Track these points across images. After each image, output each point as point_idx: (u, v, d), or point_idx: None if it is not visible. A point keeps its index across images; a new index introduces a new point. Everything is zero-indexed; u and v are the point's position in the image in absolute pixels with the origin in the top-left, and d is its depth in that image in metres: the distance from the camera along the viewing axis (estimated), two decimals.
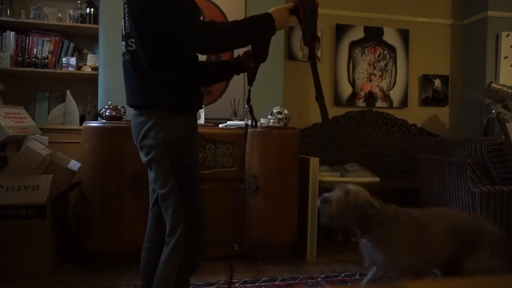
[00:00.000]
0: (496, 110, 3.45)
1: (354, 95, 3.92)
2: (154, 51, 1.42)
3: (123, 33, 1.50)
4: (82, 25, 3.17)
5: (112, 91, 2.96)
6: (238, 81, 3.20)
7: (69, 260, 2.62)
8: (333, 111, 3.83)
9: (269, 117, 2.85)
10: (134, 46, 1.45)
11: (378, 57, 3.96)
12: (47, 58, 3.15)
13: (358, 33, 3.91)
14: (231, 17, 3.20)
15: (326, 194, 1.69)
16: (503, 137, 3.23)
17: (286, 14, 1.53)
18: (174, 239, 1.46)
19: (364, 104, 3.93)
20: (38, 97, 3.28)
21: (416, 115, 4.05)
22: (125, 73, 1.53)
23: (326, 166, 3.52)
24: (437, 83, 4.10)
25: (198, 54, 1.56)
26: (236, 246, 1.95)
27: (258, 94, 3.22)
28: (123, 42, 1.51)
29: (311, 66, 1.57)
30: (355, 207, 1.63)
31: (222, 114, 3.13)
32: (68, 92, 3.17)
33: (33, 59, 3.11)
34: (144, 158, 1.51)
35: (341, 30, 3.86)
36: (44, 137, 2.83)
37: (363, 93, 3.94)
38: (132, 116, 1.53)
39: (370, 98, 3.95)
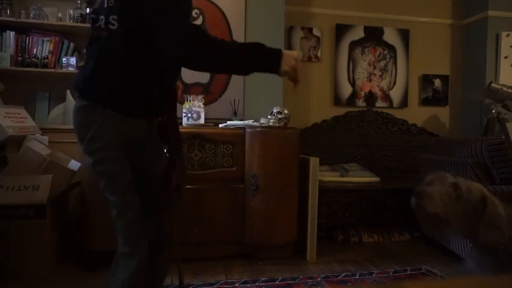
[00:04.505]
0: (496, 109, 3.45)
1: (354, 95, 3.92)
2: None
3: (105, 5, 1.36)
4: (82, 25, 3.17)
5: None
6: (238, 81, 3.20)
7: (69, 260, 2.61)
8: (333, 111, 3.83)
9: (269, 117, 2.85)
10: (116, 25, 1.33)
11: (378, 57, 3.96)
12: (47, 58, 3.15)
13: (358, 33, 3.90)
14: (231, 17, 3.20)
15: (423, 187, 1.23)
16: (503, 137, 3.23)
17: (296, 65, 1.38)
18: None
19: (364, 104, 3.93)
20: (38, 97, 3.28)
21: (416, 115, 4.04)
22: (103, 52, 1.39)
23: (326, 166, 3.52)
24: (437, 82, 4.10)
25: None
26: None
27: (258, 94, 3.24)
28: (102, 17, 1.36)
29: None
30: (469, 204, 1.18)
31: (222, 114, 3.13)
32: (68, 92, 3.17)
33: (33, 59, 3.11)
34: None
35: (341, 30, 3.86)
36: (44, 137, 2.82)
37: (363, 93, 3.94)
38: None
39: (370, 98, 3.95)
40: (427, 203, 1.17)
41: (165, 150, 1.58)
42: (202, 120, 2.87)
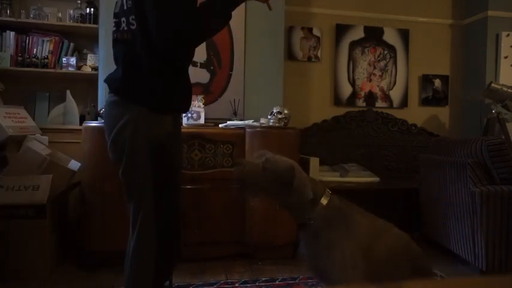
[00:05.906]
0: (496, 109, 3.45)
1: (354, 95, 3.92)
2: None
3: (124, 7, 1.46)
4: (82, 25, 3.17)
5: None
6: (238, 81, 3.20)
7: (69, 260, 2.61)
8: (333, 111, 3.84)
9: (269, 117, 2.85)
10: (135, 24, 1.43)
11: (378, 57, 3.96)
12: (47, 58, 3.15)
13: (358, 33, 3.91)
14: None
15: (242, 159, 1.50)
16: (503, 137, 3.23)
17: None
18: None
19: (364, 104, 3.93)
20: (38, 97, 3.28)
21: (416, 115, 4.05)
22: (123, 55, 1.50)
23: (326, 166, 3.52)
24: (437, 83, 4.10)
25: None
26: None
27: (258, 94, 3.24)
28: (123, 19, 1.46)
29: None
30: (275, 175, 1.39)
31: (222, 114, 3.13)
32: (68, 92, 3.17)
33: (33, 59, 3.11)
34: None
35: (341, 30, 3.86)
36: (44, 137, 2.82)
37: (363, 93, 3.94)
38: None
39: (370, 98, 3.95)
40: (238, 170, 1.39)
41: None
42: (202, 120, 2.87)
